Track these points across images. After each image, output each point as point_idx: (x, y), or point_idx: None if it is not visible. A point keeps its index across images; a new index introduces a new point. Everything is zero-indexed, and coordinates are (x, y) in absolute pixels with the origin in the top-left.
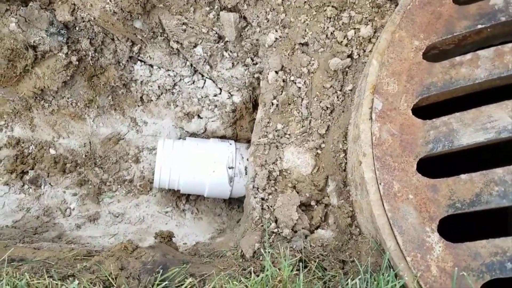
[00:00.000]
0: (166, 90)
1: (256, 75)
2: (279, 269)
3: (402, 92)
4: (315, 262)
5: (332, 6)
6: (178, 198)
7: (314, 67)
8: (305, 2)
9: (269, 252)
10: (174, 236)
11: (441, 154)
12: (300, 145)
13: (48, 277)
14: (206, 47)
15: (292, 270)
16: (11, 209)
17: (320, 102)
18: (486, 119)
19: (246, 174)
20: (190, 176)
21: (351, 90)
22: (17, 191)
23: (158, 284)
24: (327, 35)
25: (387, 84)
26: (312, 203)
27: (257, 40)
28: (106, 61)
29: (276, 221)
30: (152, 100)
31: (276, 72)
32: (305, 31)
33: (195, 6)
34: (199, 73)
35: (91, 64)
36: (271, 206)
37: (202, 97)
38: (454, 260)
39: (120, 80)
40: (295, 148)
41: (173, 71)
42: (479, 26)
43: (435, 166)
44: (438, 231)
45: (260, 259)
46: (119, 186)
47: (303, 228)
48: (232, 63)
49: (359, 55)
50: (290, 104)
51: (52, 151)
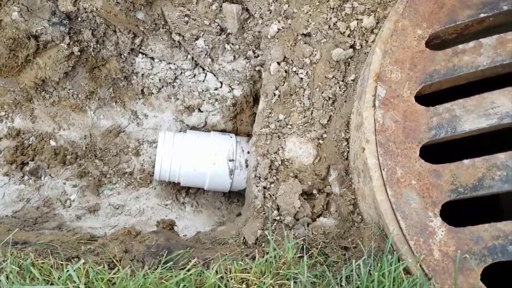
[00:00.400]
0: (167, 83)
1: (257, 68)
2: (283, 251)
3: (405, 80)
4: (317, 248)
5: None
6: (178, 191)
7: (317, 58)
8: None
9: (272, 237)
10: (176, 225)
11: (443, 140)
12: (302, 135)
13: (52, 258)
14: (208, 40)
15: (295, 254)
16: (11, 199)
17: (322, 92)
18: (488, 105)
19: (247, 167)
20: (190, 168)
21: (353, 80)
22: (17, 182)
23: (163, 266)
24: (329, 26)
25: (390, 72)
26: (314, 191)
27: (259, 32)
28: (107, 52)
29: (278, 209)
30: (153, 93)
31: (278, 63)
32: (308, 21)
33: None
34: (200, 66)
35: (93, 55)
36: (273, 195)
37: (203, 90)
38: (456, 244)
39: (122, 72)
40: (297, 138)
41: (174, 64)
42: (482, 15)
43: (438, 153)
44: (440, 215)
45: (263, 245)
46: (119, 179)
47: (305, 216)
48: (234, 56)
49: (362, 46)
50: (292, 94)
51: (52, 143)
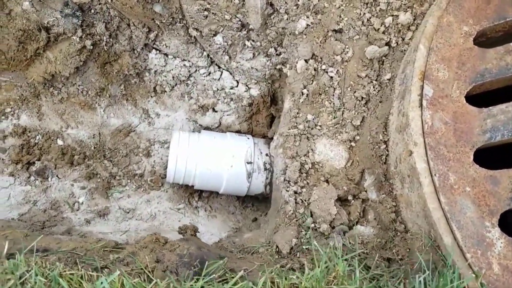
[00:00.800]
0: (181, 81)
1: (278, 66)
2: (329, 263)
3: (453, 79)
4: (357, 260)
5: None
6: (190, 194)
7: (349, 55)
8: None
9: (315, 247)
10: (199, 231)
11: (499, 144)
12: (333, 137)
13: (80, 267)
14: (227, 36)
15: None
16: (17, 201)
17: (355, 92)
18: None
19: (265, 170)
20: (206, 170)
21: (389, 80)
22: (23, 183)
23: (197, 279)
24: (363, 22)
25: (437, 70)
26: (349, 197)
27: (283, 28)
28: (120, 47)
29: (311, 215)
30: (165, 91)
31: (306, 60)
32: (339, 17)
33: None
34: (216, 64)
35: (105, 50)
36: (305, 200)
37: (218, 89)
38: None
39: (134, 69)
40: (328, 140)
41: (189, 61)
42: None
43: (491, 157)
44: (499, 226)
45: (297, 255)
46: (129, 181)
47: (341, 223)
48: (253, 54)
49: (398, 43)
50: (321, 94)
51: (59, 142)
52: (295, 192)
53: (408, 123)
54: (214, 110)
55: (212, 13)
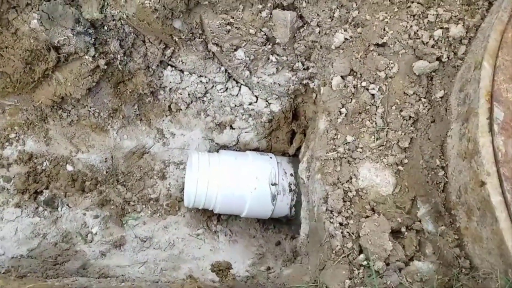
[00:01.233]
0: (197, 98)
1: (304, 81)
2: None
3: None
4: None
5: (418, 3)
6: (208, 218)
7: (393, 71)
8: None
9: None
10: (232, 268)
11: None
12: (377, 160)
13: None
14: (250, 50)
15: None
16: (25, 235)
17: (401, 111)
18: None
19: (290, 192)
20: (229, 194)
21: (441, 98)
22: (30, 215)
23: None
24: (409, 35)
25: (506, 91)
26: (402, 229)
27: (313, 41)
28: (135, 65)
29: (360, 251)
30: (181, 109)
31: (343, 77)
32: (383, 30)
33: (244, 4)
34: (234, 79)
35: (119, 69)
36: (353, 233)
37: (236, 105)
38: None
39: (149, 87)
40: (371, 164)
41: (205, 77)
42: None
43: None
44: None
45: None
46: (144, 206)
47: (398, 260)
48: (277, 68)
49: (449, 58)
50: (361, 113)
51: (69, 168)
52: (341, 224)
53: (478, 150)
54: (231, 128)
55: (236, 27)
